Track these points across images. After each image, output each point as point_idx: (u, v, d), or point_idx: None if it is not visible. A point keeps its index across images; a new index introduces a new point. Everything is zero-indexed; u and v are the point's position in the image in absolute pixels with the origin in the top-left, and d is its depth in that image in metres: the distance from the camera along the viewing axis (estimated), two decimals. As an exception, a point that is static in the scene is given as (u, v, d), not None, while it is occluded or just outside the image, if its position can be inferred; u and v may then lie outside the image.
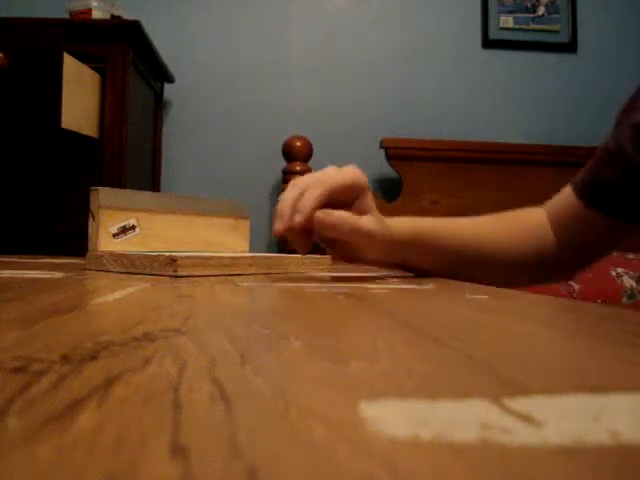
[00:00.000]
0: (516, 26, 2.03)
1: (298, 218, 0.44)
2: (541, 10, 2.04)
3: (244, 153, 1.93)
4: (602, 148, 0.61)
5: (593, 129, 2.03)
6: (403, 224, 0.55)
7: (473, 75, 2.03)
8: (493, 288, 0.46)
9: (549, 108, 2.04)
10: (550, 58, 2.05)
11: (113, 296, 0.31)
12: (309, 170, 1.75)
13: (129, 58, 1.46)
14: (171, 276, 0.48)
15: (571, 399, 0.12)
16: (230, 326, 0.21)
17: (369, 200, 0.50)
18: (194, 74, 1.92)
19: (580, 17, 2.05)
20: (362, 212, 0.49)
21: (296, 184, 0.48)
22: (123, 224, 0.60)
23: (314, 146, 1.78)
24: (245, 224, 0.74)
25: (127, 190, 0.62)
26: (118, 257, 0.53)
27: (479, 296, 0.37)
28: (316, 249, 0.49)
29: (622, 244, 0.64)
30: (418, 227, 0.57)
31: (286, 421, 0.10)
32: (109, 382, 0.12)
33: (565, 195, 0.64)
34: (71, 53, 1.31)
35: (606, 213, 0.60)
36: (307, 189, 0.46)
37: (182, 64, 1.89)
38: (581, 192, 0.62)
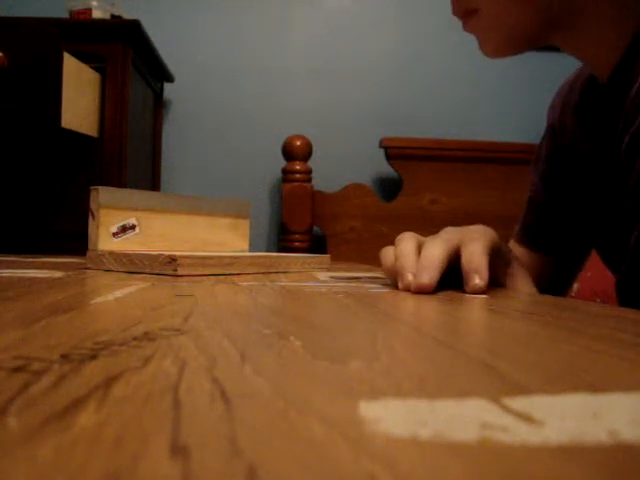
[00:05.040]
0: (516, 25, 2.03)
1: (426, 281, 0.38)
2: (541, 9, 2.04)
3: (244, 152, 1.93)
4: (528, 196, 0.70)
5: (593, 128, 2.03)
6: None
7: (472, 74, 2.03)
8: (494, 288, 0.46)
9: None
10: (550, 57, 2.05)
11: (113, 295, 0.31)
12: (309, 169, 1.76)
13: (129, 58, 1.46)
14: (171, 275, 0.48)
15: (570, 398, 0.12)
16: (230, 325, 0.21)
17: (508, 255, 0.48)
18: (194, 74, 1.92)
19: (580, 16, 2.05)
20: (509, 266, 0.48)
21: (409, 237, 0.44)
22: (123, 223, 0.60)
23: (314, 145, 1.78)
24: (245, 223, 0.74)
25: (127, 189, 0.62)
26: (118, 256, 0.53)
27: (479, 296, 0.37)
28: (315, 249, 0.47)
29: (573, 276, 0.72)
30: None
31: (286, 420, 0.10)
32: (109, 381, 0.12)
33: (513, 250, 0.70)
34: (71, 53, 1.31)
35: (545, 253, 0.67)
36: (427, 244, 0.41)
37: (182, 64, 1.89)
38: (521, 240, 0.69)
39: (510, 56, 0.57)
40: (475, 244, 0.41)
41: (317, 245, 1.80)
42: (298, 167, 1.75)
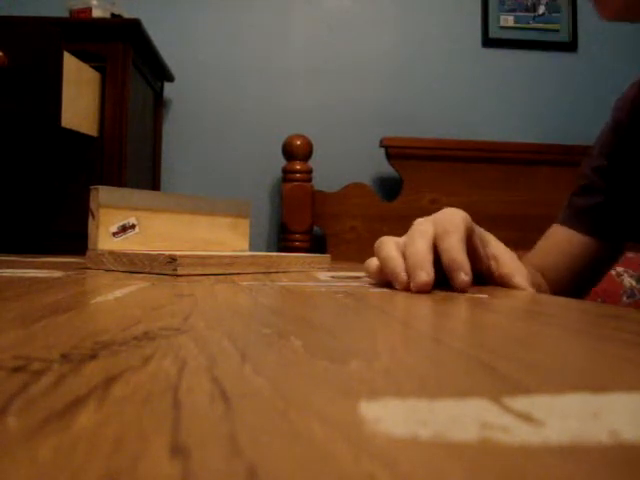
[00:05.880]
0: (516, 25, 2.03)
1: (425, 278, 0.37)
2: (541, 9, 2.04)
3: (244, 152, 1.93)
4: (577, 186, 0.72)
5: (593, 128, 2.02)
6: None
7: (473, 74, 2.03)
8: (494, 287, 0.46)
9: (549, 107, 2.04)
10: (550, 57, 2.05)
11: (113, 295, 0.31)
12: (309, 169, 1.76)
13: (129, 57, 1.46)
14: (171, 275, 0.48)
15: (571, 398, 0.12)
16: (230, 325, 0.21)
17: (480, 230, 0.47)
18: (194, 73, 1.92)
19: (580, 16, 2.05)
20: (487, 243, 0.47)
21: (391, 239, 0.44)
22: (123, 223, 0.60)
23: (314, 145, 1.78)
24: (245, 223, 0.74)
25: (127, 189, 0.62)
26: (118, 256, 0.53)
27: (479, 295, 0.37)
28: (316, 249, 0.47)
29: (613, 263, 0.73)
30: None
31: (286, 420, 0.10)
32: (109, 381, 0.12)
33: (555, 236, 0.72)
34: (71, 52, 1.31)
35: (599, 237, 0.68)
36: (410, 242, 0.41)
37: (182, 63, 1.89)
38: (571, 223, 0.70)
39: (625, 21, 0.58)
40: (450, 238, 0.40)
41: (317, 245, 1.80)
42: (298, 167, 1.75)
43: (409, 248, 0.40)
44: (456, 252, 0.40)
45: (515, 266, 0.47)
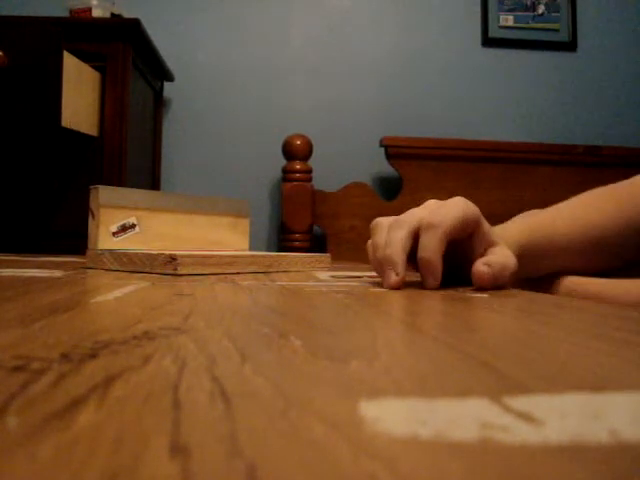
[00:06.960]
0: (516, 24, 2.03)
1: (394, 279, 0.39)
2: (541, 9, 2.04)
3: (244, 152, 1.93)
4: None
5: (592, 128, 2.03)
6: (515, 240, 0.51)
7: (473, 73, 2.03)
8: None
9: (549, 106, 2.04)
10: (550, 57, 2.05)
11: (113, 295, 0.31)
12: (309, 169, 1.76)
13: (129, 57, 1.46)
14: (171, 275, 0.48)
15: (571, 398, 0.12)
16: (230, 325, 0.21)
17: (488, 231, 0.45)
18: (194, 73, 1.92)
19: (580, 16, 2.05)
20: (489, 246, 0.44)
21: (387, 225, 0.43)
22: (123, 222, 0.60)
23: (314, 144, 1.78)
24: (245, 222, 0.74)
25: (127, 188, 0.62)
26: (118, 256, 0.53)
27: (479, 294, 0.37)
28: (316, 248, 0.47)
29: None
30: (531, 242, 0.53)
31: (286, 420, 0.10)
32: (109, 381, 0.12)
33: None
34: (71, 51, 1.31)
35: None
36: (394, 231, 0.41)
37: (182, 63, 1.89)
38: None
39: None
40: (431, 234, 0.40)
41: (317, 244, 1.80)
42: (298, 166, 1.75)
43: (390, 233, 0.41)
44: (429, 252, 0.39)
45: (501, 257, 0.43)
